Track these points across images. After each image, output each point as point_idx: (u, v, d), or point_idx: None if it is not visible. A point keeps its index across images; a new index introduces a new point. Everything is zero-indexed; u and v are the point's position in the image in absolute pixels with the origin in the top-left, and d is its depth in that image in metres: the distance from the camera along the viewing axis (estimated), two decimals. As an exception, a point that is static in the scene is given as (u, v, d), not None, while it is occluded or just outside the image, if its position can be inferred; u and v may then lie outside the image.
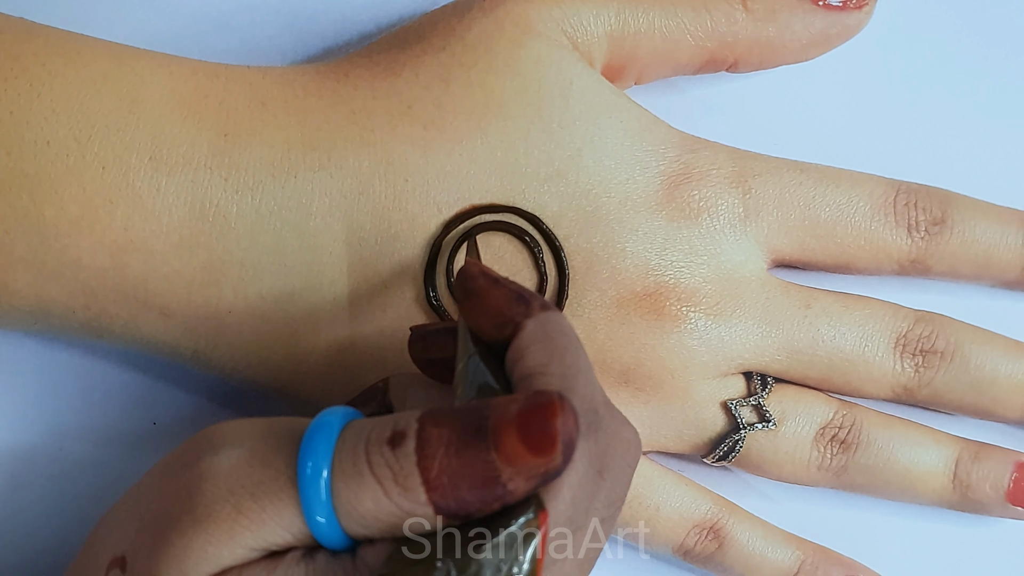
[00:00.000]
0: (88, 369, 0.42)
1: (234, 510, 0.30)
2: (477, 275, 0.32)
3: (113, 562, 0.32)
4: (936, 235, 0.40)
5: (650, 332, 0.38)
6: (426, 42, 0.38)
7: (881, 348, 0.40)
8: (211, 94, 0.37)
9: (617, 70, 0.40)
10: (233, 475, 0.30)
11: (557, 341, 0.31)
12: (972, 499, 0.40)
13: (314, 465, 0.29)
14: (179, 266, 0.36)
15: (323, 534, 0.29)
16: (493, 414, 0.28)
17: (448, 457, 0.28)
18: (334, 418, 0.30)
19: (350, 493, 0.29)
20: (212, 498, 0.30)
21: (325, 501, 0.29)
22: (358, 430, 0.30)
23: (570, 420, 0.28)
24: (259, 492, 0.30)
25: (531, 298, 0.32)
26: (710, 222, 0.39)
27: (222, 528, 0.29)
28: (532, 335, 0.31)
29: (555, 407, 0.28)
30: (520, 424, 0.28)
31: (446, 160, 0.37)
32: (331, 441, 0.29)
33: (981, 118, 0.43)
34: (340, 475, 0.29)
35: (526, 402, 0.28)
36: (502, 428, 0.28)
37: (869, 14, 0.40)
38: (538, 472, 0.28)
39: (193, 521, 0.30)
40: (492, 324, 0.32)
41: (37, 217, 0.36)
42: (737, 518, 0.40)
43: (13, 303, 0.37)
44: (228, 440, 0.31)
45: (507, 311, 0.32)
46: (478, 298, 0.32)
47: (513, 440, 0.28)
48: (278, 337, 0.37)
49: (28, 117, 0.35)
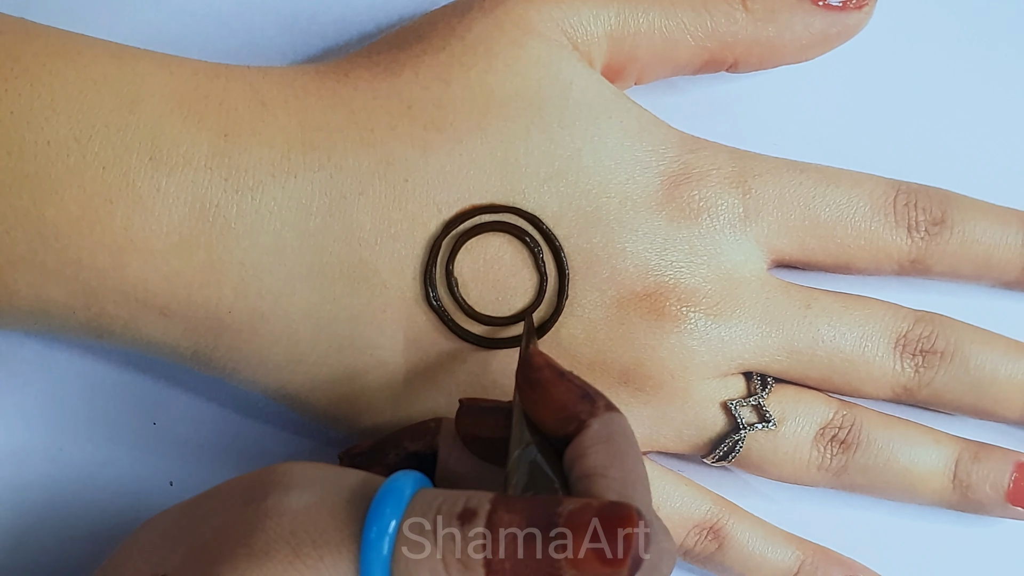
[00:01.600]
0: (88, 369, 0.42)
1: (292, 553, 0.30)
2: (543, 367, 0.33)
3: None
4: (936, 235, 0.40)
5: (650, 332, 0.38)
6: (426, 42, 0.38)
7: (881, 348, 0.40)
8: (211, 94, 0.37)
9: (617, 70, 0.40)
10: (299, 519, 0.30)
11: (620, 444, 0.31)
12: (972, 499, 0.40)
13: (380, 527, 0.29)
14: (179, 266, 0.36)
15: None
16: (566, 512, 0.29)
17: (515, 547, 0.28)
18: (406, 482, 0.30)
19: (411, 560, 0.29)
20: (273, 536, 0.30)
21: (384, 564, 0.29)
22: (430, 499, 0.30)
23: (643, 536, 0.28)
24: (321, 541, 0.30)
25: (596, 396, 0.32)
26: (710, 222, 0.39)
27: (277, 568, 0.29)
28: (596, 435, 0.31)
29: (632, 520, 0.28)
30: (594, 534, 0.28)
31: (446, 160, 0.37)
32: (401, 505, 0.30)
33: (981, 118, 0.43)
34: (404, 541, 0.29)
35: (603, 509, 0.28)
36: (576, 530, 0.28)
37: (869, 14, 0.40)
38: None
39: (249, 555, 0.30)
40: (556, 419, 0.32)
41: (37, 217, 0.36)
42: (737, 518, 0.40)
43: (13, 303, 0.37)
44: (298, 483, 0.31)
45: (573, 408, 0.32)
46: (543, 391, 0.32)
47: (583, 545, 0.28)
48: (278, 338, 0.37)
49: (28, 117, 0.35)
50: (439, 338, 0.38)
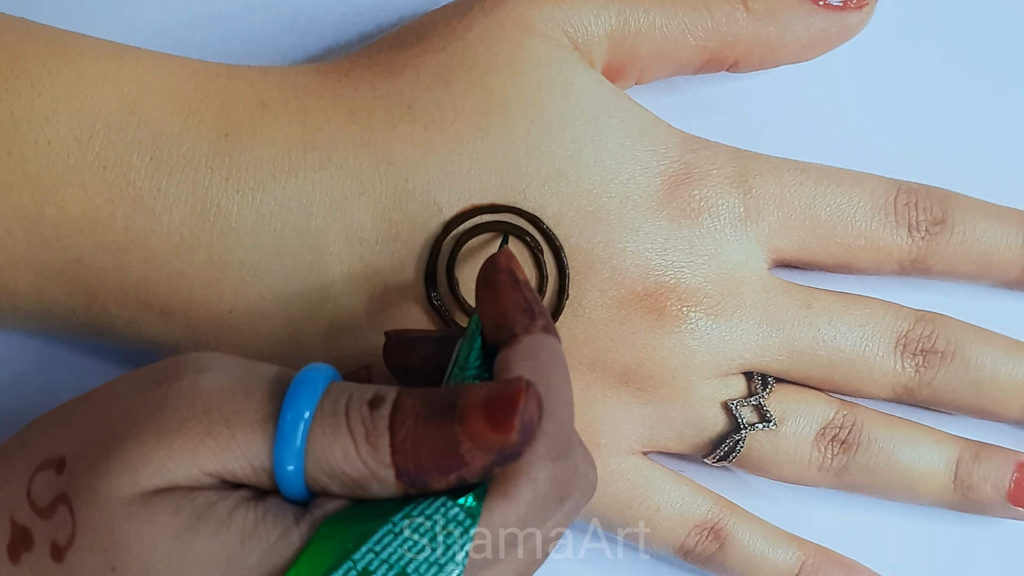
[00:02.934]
0: (88, 369, 0.42)
1: (204, 431, 0.29)
2: (503, 268, 0.33)
3: (47, 463, 0.31)
4: (936, 235, 0.40)
5: (651, 332, 0.38)
6: (426, 42, 0.38)
7: (882, 348, 0.40)
8: (212, 94, 0.37)
9: (618, 70, 0.40)
10: (212, 398, 0.30)
11: (547, 363, 0.31)
12: (973, 499, 0.40)
13: (297, 408, 0.30)
14: (180, 266, 0.36)
15: (284, 475, 0.30)
16: (464, 394, 0.29)
17: (416, 425, 0.29)
18: (319, 374, 0.31)
19: (324, 440, 0.29)
20: (185, 415, 0.30)
21: (300, 445, 0.29)
22: (343, 387, 0.31)
23: (532, 404, 0.29)
24: (235, 420, 0.30)
25: (538, 315, 0.32)
26: (711, 222, 0.39)
27: (186, 445, 0.29)
28: (525, 350, 0.31)
29: (520, 390, 0.29)
30: (486, 404, 0.29)
31: (447, 160, 0.37)
32: (316, 392, 0.30)
33: (981, 118, 0.43)
34: (319, 421, 0.30)
35: (495, 386, 0.29)
36: (469, 406, 0.29)
37: (870, 14, 0.40)
38: (495, 448, 0.29)
39: (158, 432, 0.30)
40: (493, 324, 0.32)
41: (38, 217, 0.36)
42: (738, 518, 0.40)
43: (14, 303, 0.37)
44: (213, 367, 0.31)
45: (511, 317, 0.32)
46: (493, 291, 0.33)
47: (477, 416, 0.29)
48: (279, 337, 0.37)
49: (29, 117, 0.35)
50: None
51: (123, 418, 0.30)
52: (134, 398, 0.31)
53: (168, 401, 0.30)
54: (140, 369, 0.32)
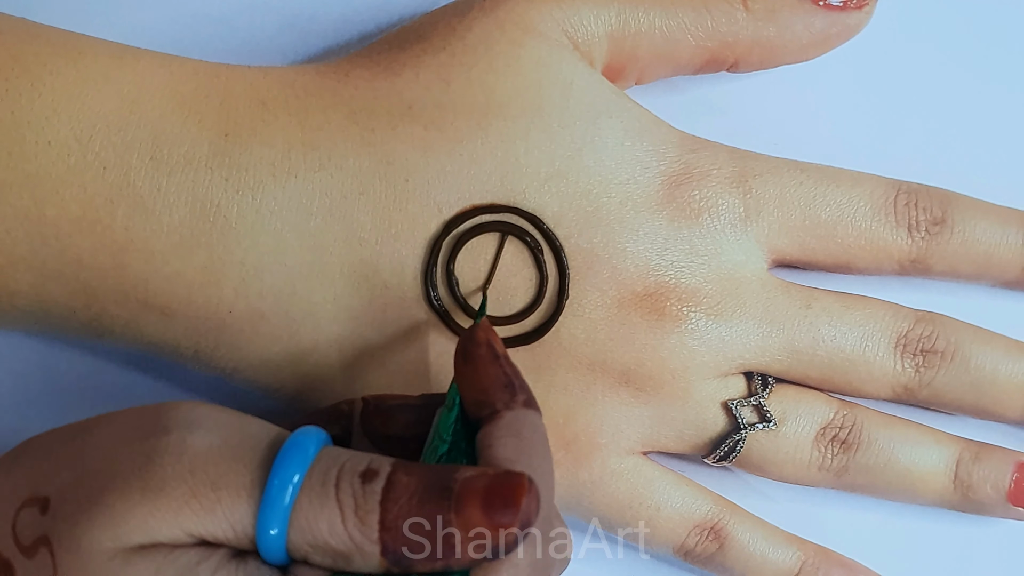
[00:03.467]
0: (88, 369, 0.42)
1: (189, 492, 0.29)
2: (482, 343, 0.33)
3: (32, 500, 0.31)
4: (936, 235, 0.40)
5: (651, 332, 0.38)
6: (426, 42, 0.38)
7: (882, 348, 0.40)
8: (212, 94, 0.37)
9: (617, 70, 0.40)
10: (199, 458, 0.30)
11: (529, 441, 0.31)
12: (973, 499, 0.40)
13: (284, 477, 0.29)
14: (180, 266, 0.36)
15: (267, 543, 0.30)
16: (461, 479, 0.29)
17: (409, 505, 0.29)
18: (310, 439, 0.31)
19: (311, 510, 0.29)
20: (171, 473, 0.30)
21: (284, 513, 0.29)
22: (335, 456, 0.30)
23: (532, 504, 0.29)
24: (221, 484, 0.30)
25: (519, 390, 0.32)
26: (711, 222, 0.39)
27: (170, 506, 0.29)
28: (507, 427, 0.31)
29: (523, 487, 0.29)
30: (485, 495, 0.29)
31: (446, 160, 0.37)
32: (307, 459, 0.30)
33: (981, 118, 0.43)
34: (307, 491, 0.30)
35: (496, 477, 0.29)
36: (467, 495, 0.29)
37: (869, 14, 0.40)
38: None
39: (143, 489, 0.30)
40: (473, 400, 0.32)
41: (38, 217, 0.36)
42: (738, 518, 0.40)
43: (14, 303, 0.37)
44: (202, 424, 0.31)
45: (492, 393, 0.32)
46: (473, 367, 0.33)
47: (475, 507, 0.29)
48: (279, 337, 0.37)
49: (29, 117, 0.35)
50: (439, 338, 0.38)
51: (108, 467, 0.30)
52: (121, 447, 0.31)
53: (155, 456, 0.30)
54: (130, 411, 0.32)
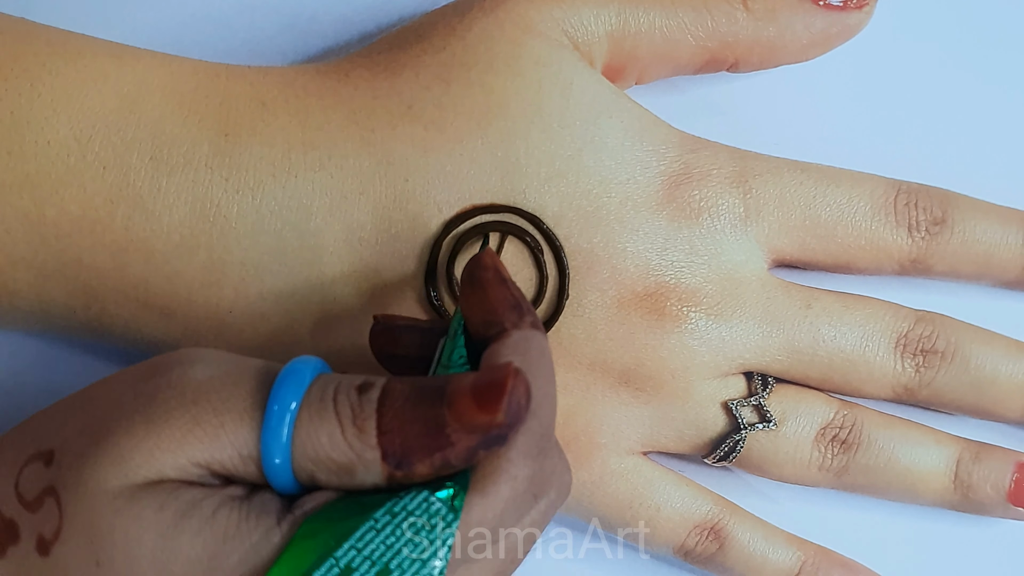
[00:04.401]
0: (88, 369, 0.42)
1: (192, 420, 0.30)
2: (489, 267, 0.33)
3: (36, 455, 0.31)
4: (936, 235, 0.40)
5: (651, 332, 0.38)
6: (426, 42, 0.38)
7: (882, 348, 0.40)
8: (212, 94, 0.37)
9: (617, 70, 0.40)
10: (201, 388, 0.30)
11: (534, 360, 0.31)
12: (973, 500, 0.40)
13: (284, 395, 0.30)
14: (180, 266, 0.36)
15: (272, 463, 0.30)
16: (453, 380, 0.30)
17: (403, 407, 0.29)
18: (307, 365, 0.31)
19: (311, 426, 0.30)
20: (174, 404, 0.30)
21: (287, 430, 0.29)
22: (331, 377, 0.31)
23: (520, 388, 0.29)
24: (223, 409, 0.30)
25: (527, 311, 0.32)
26: (711, 222, 0.39)
27: (175, 435, 0.29)
28: (513, 345, 0.31)
29: (508, 374, 0.29)
30: (474, 387, 0.29)
31: (446, 160, 0.37)
32: (305, 380, 0.30)
33: (981, 118, 0.43)
34: (306, 407, 0.30)
35: (485, 371, 0.30)
36: (458, 390, 0.29)
37: (869, 14, 0.40)
38: (481, 428, 0.29)
39: (146, 422, 0.30)
40: (481, 320, 0.32)
41: (38, 217, 0.36)
42: (738, 519, 0.40)
43: (14, 303, 0.37)
44: (201, 359, 0.31)
45: (500, 313, 0.32)
46: (480, 290, 0.33)
47: (465, 399, 0.29)
48: (279, 337, 0.37)
49: (29, 117, 0.35)
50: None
51: (113, 411, 0.30)
52: (124, 391, 0.31)
53: (158, 392, 0.30)
54: (133, 365, 0.32)
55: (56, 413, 0.32)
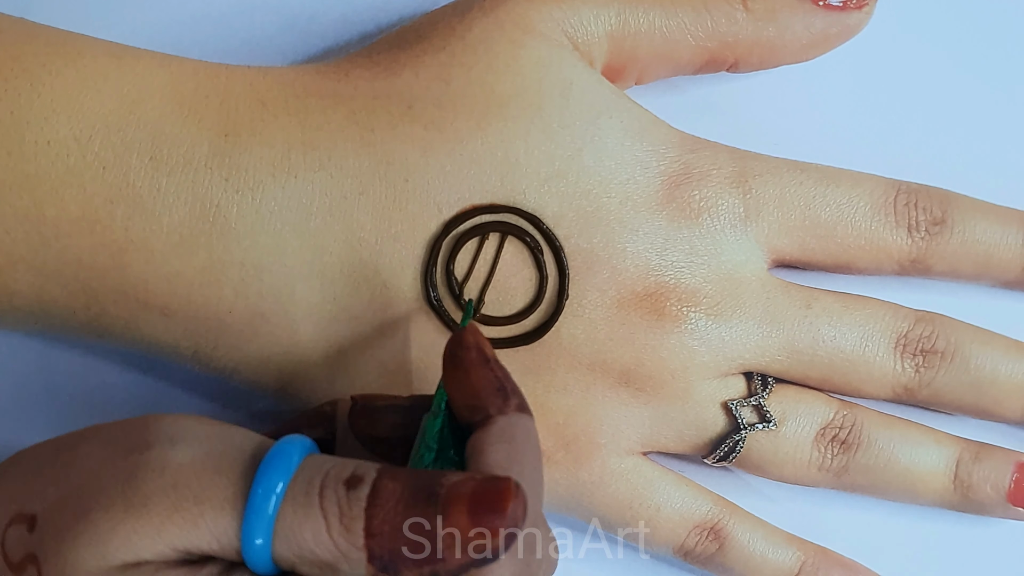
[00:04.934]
0: (88, 369, 0.42)
1: (172, 507, 0.30)
2: (471, 347, 0.33)
3: (19, 517, 0.31)
4: (936, 235, 0.40)
5: (651, 332, 0.38)
6: (426, 42, 0.38)
7: (881, 348, 0.40)
8: (211, 94, 0.37)
9: (617, 70, 0.40)
10: (181, 473, 0.30)
11: (520, 447, 0.31)
12: (973, 500, 0.40)
13: (267, 486, 0.29)
14: (179, 266, 0.36)
15: (253, 554, 0.30)
16: (448, 484, 0.29)
17: (394, 511, 0.29)
18: (294, 447, 0.31)
19: (295, 520, 0.29)
20: (153, 489, 0.30)
21: (268, 523, 0.29)
22: (319, 463, 0.30)
23: (520, 509, 0.29)
24: (203, 497, 0.30)
25: (511, 394, 0.32)
26: (711, 222, 0.39)
27: (153, 521, 0.29)
28: (499, 432, 0.31)
29: (510, 491, 0.29)
30: (472, 499, 0.29)
31: (446, 160, 0.37)
32: (290, 468, 0.30)
33: (981, 118, 0.43)
34: (290, 500, 0.29)
35: (483, 482, 0.29)
36: (453, 499, 0.29)
37: (869, 14, 0.40)
38: (474, 548, 0.29)
39: (126, 506, 0.30)
40: (465, 403, 0.32)
41: (38, 217, 0.36)
42: (738, 519, 0.40)
43: (14, 303, 0.37)
44: (184, 437, 0.31)
45: (484, 398, 0.32)
46: (463, 372, 0.32)
47: (461, 512, 0.29)
48: (279, 337, 0.37)
49: (29, 117, 0.35)
50: (439, 338, 0.38)
51: (92, 484, 0.30)
52: (103, 463, 0.31)
53: (137, 472, 0.30)
54: (114, 425, 0.32)
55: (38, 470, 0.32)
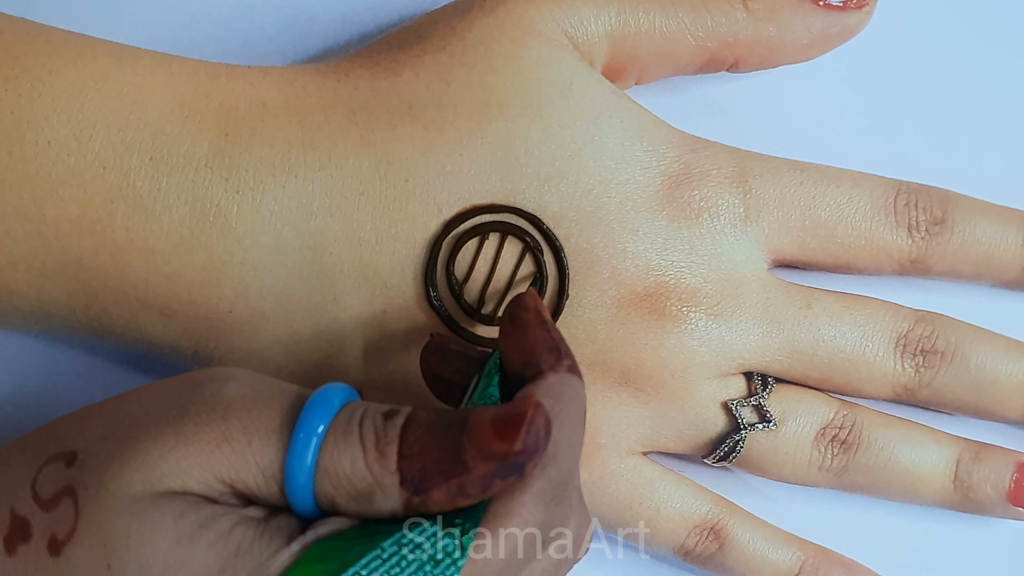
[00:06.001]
0: (88, 369, 0.42)
1: (221, 436, 0.30)
2: (531, 307, 0.33)
3: (57, 455, 0.31)
4: (936, 235, 0.40)
5: (651, 332, 0.38)
6: (426, 42, 0.38)
7: (881, 348, 0.40)
8: (212, 94, 0.37)
9: (617, 70, 0.40)
10: (232, 406, 0.30)
11: (566, 406, 0.31)
12: (973, 500, 0.40)
13: (312, 420, 0.30)
14: (180, 266, 0.36)
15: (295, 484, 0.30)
16: (477, 411, 0.30)
17: (425, 433, 0.30)
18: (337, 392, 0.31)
19: (335, 450, 0.30)
20: (204, 419, 0.30)
21: (311, 454, 0.30)
22: (359, 404, 0.31)
23: (540, 420, 0.29)
24: (252, 428, 0.30)
25: (565, 355, 0.32)
26: (711, 222, 0.39)
27: (203, 449, 0.30)
28: (548, 388, 0.31)
29: (529, 406, 0.29)
30: (495, 418, 0.29)
31: (446, 160, 0.37)
32: (334, 406, 0.31)
33: (981, 118, 0.43)
34: (332, 432, 0.30)
35: (507, 404, 0.30)
36: (479, 420, 0.30)
37: (869, 14, 0.40)
38: (498, 456, 0.29)
39: (177, 433, 0.30)
40: (519, 360, 0.32)
41: (38, 217, 0.36)
42: (738, 519, 0.40)
43: (14, 303, 0.37)
44: (235, 377, 0.32)
45: (538, 355, 0.32)
46: (520, 330, 0.33)
47: (486, 429, 0.29)
48: (278, 338, 0.37)
49: (29, 117, 0.35)
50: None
51: (144, 418, 0.31)
52: (156, 402, 0.31)
53: (191, 406, 0.30)
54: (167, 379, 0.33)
55: (83, 417, 0.32)
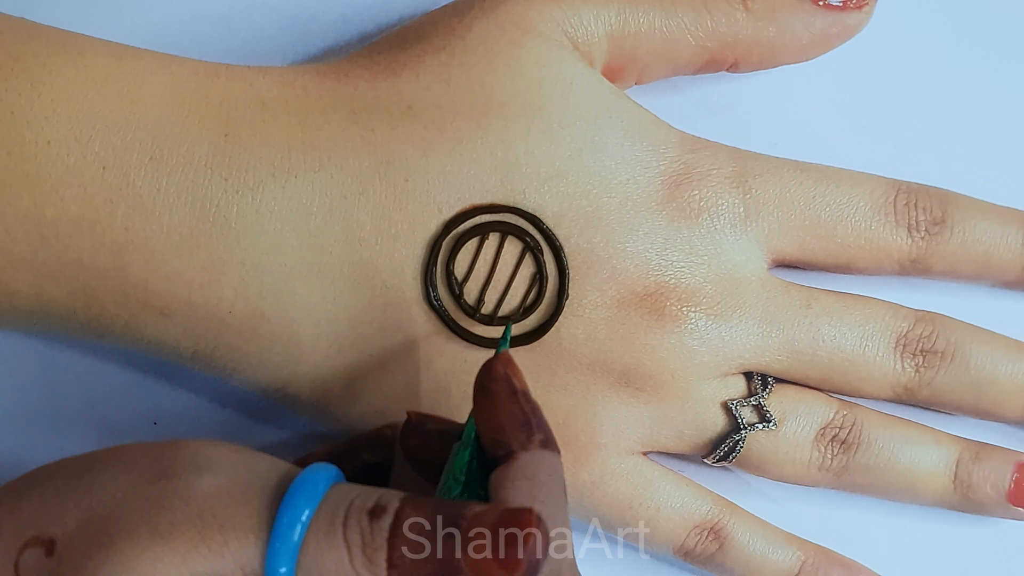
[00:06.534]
0: (88, 369, 0.42)
1: (197, 536, 0.30)
2: (500, 379, 0.32)
3: (36, 540, 0.31)
4: (936, 235, 0.40)
5: (651, 332, 0.38)
6: (426, 42, 0.38)
7: (881, 348, 0.40)
8: (211, 94, 0.37)
9: (617, 70, 0.40)
10: (207, 502, 0.30)
11: (544, 485, 0.31)
12: (973, 500, 0.40)
13: (293, 515, 0.29)
14: (179, 266, 0.36)
15: None
16: (469, 515, 0.29)
17: (417, 545, 0.29)
18: (319, 476, 0.31)
19: (319, 550, 0.29)
20: (179, 517, 0.30)
21: (293, 552, 0.29)
22: (344, 493, 0.30)
23: (541, 542, 0.29)
24: (229, 526, 0.30)
25: (536, 429, 0.32)
26: (710, 222, 0.39)
27: (178, 550, 0.29)
28: (521, 470, 0.31)
29: (530, 523, 0.29)
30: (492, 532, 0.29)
31: (446, 160, 0.37)
32: (315, 497, 0.30)
33: (981, 118, 0.43)
34: (314, 530, 0.29)
35: (504, 513, 0.29)
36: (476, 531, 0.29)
37: (869, 14, 0.40)
38: None
39: (151, 533, 0.30)
40: (490, 437, 0.32)
41: (38, 217, 0.36)
42: (738, 519, 0.40)
43: (14, 303, 0.37)
44: (210, 465, 0.31)
45: (509, 432, 0.32)
46: (490, 403, 0.32)
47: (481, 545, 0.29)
48: (278, 337, 0.37)
49: (29, 117, 0.35)
50: (439, 338, 0.38)
51: (117, 511, 0.30)
52: (129, 489, 0.31)
53: (164, 500, 0.30)
54: (137, 449, 0.32)
55: (58, 497, 0.32)
